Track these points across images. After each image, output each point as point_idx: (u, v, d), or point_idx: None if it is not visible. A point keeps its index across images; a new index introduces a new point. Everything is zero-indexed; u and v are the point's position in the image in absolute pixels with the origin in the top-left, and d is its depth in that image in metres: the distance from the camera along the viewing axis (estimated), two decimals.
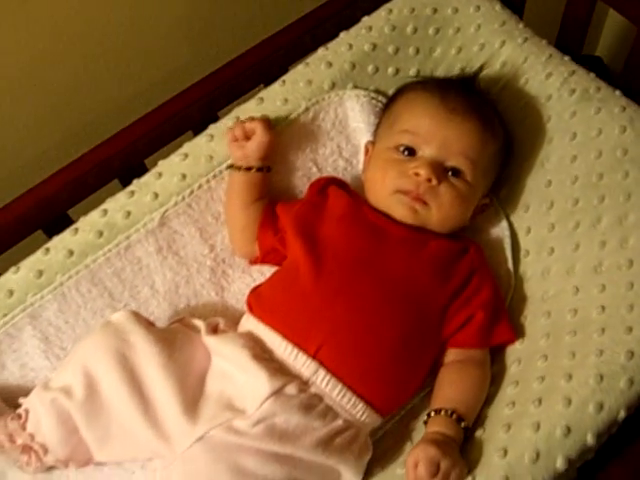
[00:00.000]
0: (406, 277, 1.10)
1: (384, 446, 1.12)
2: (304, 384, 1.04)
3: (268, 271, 1.23)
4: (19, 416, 1.09)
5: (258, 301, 1.13)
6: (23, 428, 1.08)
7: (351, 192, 1.22)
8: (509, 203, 1.26)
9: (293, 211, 1.17)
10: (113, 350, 1.06)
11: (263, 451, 0.98)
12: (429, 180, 1.12)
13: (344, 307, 1.07)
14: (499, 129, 1.21)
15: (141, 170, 1.26)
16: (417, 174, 1.13)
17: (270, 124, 1.20)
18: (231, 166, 1.20)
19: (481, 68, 1.27)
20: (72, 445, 1.07)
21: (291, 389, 1.02)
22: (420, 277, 1.11)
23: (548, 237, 1.20)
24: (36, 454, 1.08)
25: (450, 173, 1.15)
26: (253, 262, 1.23)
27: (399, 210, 1.14)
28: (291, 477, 0.98)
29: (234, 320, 1.19)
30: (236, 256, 1.24)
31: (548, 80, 1.26)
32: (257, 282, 1.23)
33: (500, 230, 1.24)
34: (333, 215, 1.15)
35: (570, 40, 1.35)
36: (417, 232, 1.14)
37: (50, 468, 1.13)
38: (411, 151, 1.16)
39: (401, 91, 1.25)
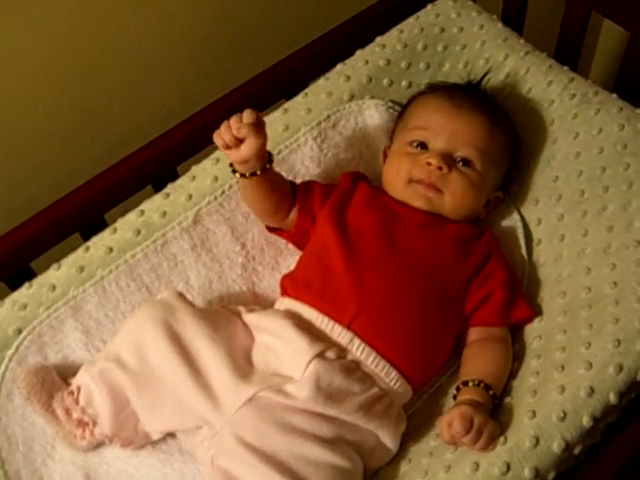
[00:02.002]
0: (428, 256, 1.19)
1: (415, 422, 1.17)
2: (342, 351, 1.11)
3: None
4: (72, 392, 1.14)
5: (292, 284, 1.20)
6: (76, 402, 1.13)
7: (373, 186, 1.31)
8: (520, 199, 1.35)
9: (329, 200, 1.24)
10: (160, 322, 1.11)
11: (310, 412, 1.04)
12: (440, 168, 1.21)
13: (373, 283, 1.14)
14: (505, 123, 1.32)
15: (173, 177, 1.34)
16: (429, 164, 1.22)
17: (260, 119, 1.13)
18: (235, 171, 1.18)
19: (485, 74, 1.38)
20: (120, 420, 1.12)
21: (331, 354, 1.09)
22: (441, 255, 1.19)
23: (558, 226, 1.29)
24: (88, 427, 1.12)
25: (460, 163, 1.24)
26: (276, 233, 1.30)
27: (415, 199, 1.23)
28: (338, 435, 1.04)
29: None
30: (265, 254, 1.32)
31: (550, 87, 1.37)
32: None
33: (512, 222, 1.33)
34: (360, 203, 1.24)
35: (567, 53, 1.47)
36: (435, 217, 1.23)
37: (88, 454, 1.17)
38: (423, 145, 1.26)
39: (413, 97, 1.36)
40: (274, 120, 1.36)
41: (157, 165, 1.34)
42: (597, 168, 1.28)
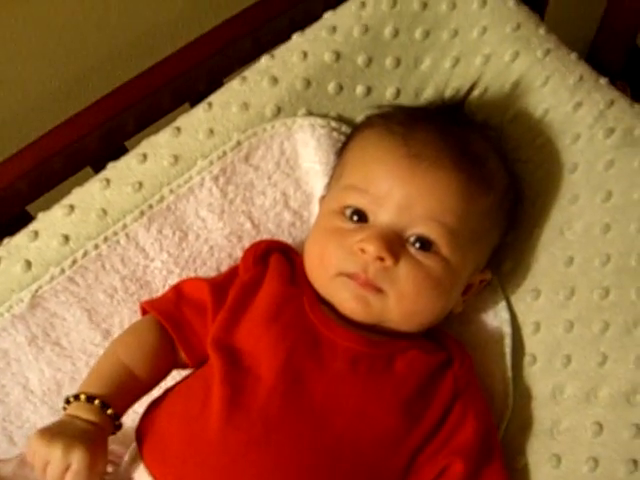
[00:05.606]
0: (356, 424, 0.77)
1: None
2: None
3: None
4: None
5: (150, 439, 0.79)
6: None
7: (295, 267, 0.88)
8: (513, 285, 0.91)
9: (223, 311, 0.83)
10: None
11: None
12: (381, 259, 0.79)
13: (258, 469, 0.74)
14: (497, 172, 0.86)
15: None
16: (363, 250, 0.79)
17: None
18: None
19: (471, 88, 0.92)
20: None
21: None
22: (379, 421, 0.77)
23: (564, 340, 0.86)
24: None
25: (417, 245, 0.81)
26: None
27: (345, 301, 0.81)
28: None
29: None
30: None
31: (577, 113, 0.91)
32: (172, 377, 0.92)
33: (498, 322, 0.90)
34: (262, 312, 0.82)
35: (610, 51, 0.97)
36: (377, 341, 0.81)
37: None
38: (362, 216, 0.83)
39: (358, 128, 0.91)
40: (160, 146, 0.93)
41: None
42: (633, 256, 0.85)
